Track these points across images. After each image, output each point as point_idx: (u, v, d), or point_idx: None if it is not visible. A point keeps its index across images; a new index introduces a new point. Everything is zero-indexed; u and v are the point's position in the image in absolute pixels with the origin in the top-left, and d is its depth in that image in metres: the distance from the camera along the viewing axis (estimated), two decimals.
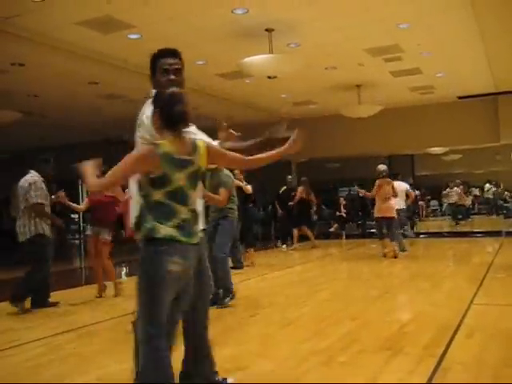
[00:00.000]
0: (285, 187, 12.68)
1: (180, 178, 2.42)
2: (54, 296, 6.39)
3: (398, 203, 9.94)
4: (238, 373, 3.24)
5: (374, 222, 10.13)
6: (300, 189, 12.17)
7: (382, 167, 9.51)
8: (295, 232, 12.03)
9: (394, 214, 9.40)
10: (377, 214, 9.49)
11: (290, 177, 12.85)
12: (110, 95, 11.65)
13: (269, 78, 8.62)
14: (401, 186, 10.45)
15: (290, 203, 12.10)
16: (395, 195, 9.46)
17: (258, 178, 14.84)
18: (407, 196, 10.84)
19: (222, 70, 9.65)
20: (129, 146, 3.19)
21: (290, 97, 13.13)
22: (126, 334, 3.53)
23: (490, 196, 21.20)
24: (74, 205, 6.79)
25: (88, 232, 6.65)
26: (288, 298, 6.16)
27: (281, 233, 13.10)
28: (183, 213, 2.43)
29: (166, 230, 2.37)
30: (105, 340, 3.66)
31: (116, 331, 4.60)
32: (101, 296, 6.50)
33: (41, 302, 6.06)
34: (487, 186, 20.05)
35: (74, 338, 4.52)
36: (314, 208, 13.13)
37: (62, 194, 6.43)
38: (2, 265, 11.09)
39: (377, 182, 9.44)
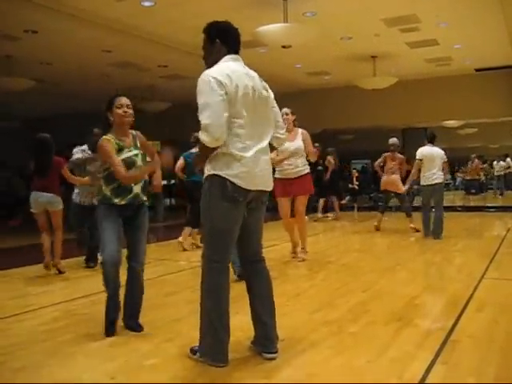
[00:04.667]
0: None
1: None
2: (72, 262, 6.50)
3: (437, 175, 8.27)
4: (248, 341, 3.29)
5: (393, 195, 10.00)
6: (330, 159, 12.10)
7: (391, 141, 9.46)
8: (321, 202, 12.13)
9: (399, 189, 9.28)
10: (382, 186, 9.58)
11: (316, 144, 12.76)
12: (123, 63, 11.60)
13: (283, 47, 8.52)
14: (438, 153, 8.40)
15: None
16: (400, 169, 9.36)
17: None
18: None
19: None
20: (142, 114, 3.24)
21: (304, 67, 12.99)
22: None
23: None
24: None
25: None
26: (299, 268, 6.21)
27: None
28: None
29: None
30: None
31: None
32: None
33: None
34: (508, 160, 19.78)
35: (89, 304, 4.60)
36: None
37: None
38: (20, 232, 11.26)
39: (384, 154, 9.52)
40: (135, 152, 3.75)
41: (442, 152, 8.42)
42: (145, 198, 3.80)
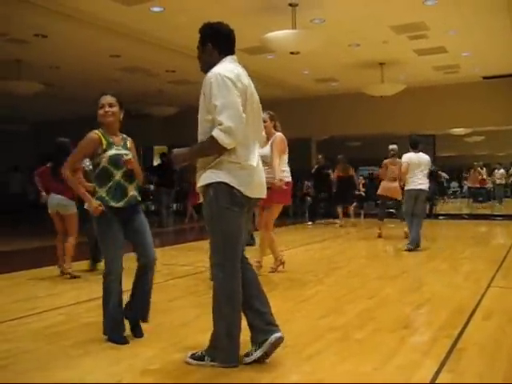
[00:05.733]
0: (316, 166, 12.96)
1: None
2: (80, 265, 6.51)
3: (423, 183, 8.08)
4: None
5: (390, 202, 10.10)
6: (337, 167, 12.43)
7: (390, 146, 9.60)
8: (339, 209, 12.34)
9: (398, 196, 9.38)
10: (379, 191, 9.66)
11: (320, 156, 13.04)
12: (132, 68, 11.65)
13: (291, 53, 8.52)
14: (423, 159, 8.22)
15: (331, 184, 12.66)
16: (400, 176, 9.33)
17: None
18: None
19: (244, 44, 9.50)
20: (153, 119, 3.26)
21: (312, 73, 13.00)
22: None
23: None
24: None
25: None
26: (305, 274, 6.18)
27: (311, 211, 13.48)
28: None
29: None
30: None
31: None
32: None
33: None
34: None
35: (94, 308, 4.59)
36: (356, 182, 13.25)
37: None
38: (27, 235, 11.30)
39: (384, 161, 9.63)
40: (125, 152, 3.69)
41: (428, 158, 8.27)
42: (139, 198, 3.76)
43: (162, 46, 9.87)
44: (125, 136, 3.83)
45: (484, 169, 19.52)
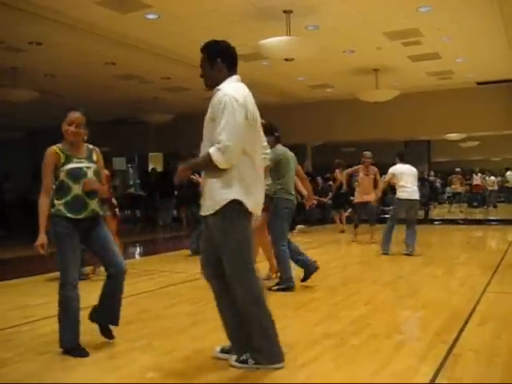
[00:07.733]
0: None
1: None
2: None
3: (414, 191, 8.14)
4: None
5: (388, 208, 10.20)
6: (338, 171, 12.29)
7: (365, 153, 10.07)
8: (336, 215, 12.34)
9: (373, 199, 9.56)
10: (356, 201, 10.07)
11: (306, 162, 12.99)
12: (126, 76, 11.65)
13: (286, 60, 8.55)
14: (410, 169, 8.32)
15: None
16: (376, 180, 9.74)
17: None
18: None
19: (239, 51, 9.31)
20: (148, 126, 3.27)
21: (307, 79, 13.04)
22: (135, 313, 3.56)
23: None
24: None
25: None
26: (300, 281, 6.17)
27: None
28: None
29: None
30: None
31: (128, 310, 4.66)
32: None
33: None
34: (509, 173, 19.75)
35: (86, 316, 4.57)
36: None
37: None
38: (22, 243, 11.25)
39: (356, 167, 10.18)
40: (87, 164, 3.60)
41: (415, 170, 8.37)
42: (101, 212, 3.70)
43: (157, 53, 9.90)
44: (91, 147, 3.73)
45: (480, 174, 19.59)
